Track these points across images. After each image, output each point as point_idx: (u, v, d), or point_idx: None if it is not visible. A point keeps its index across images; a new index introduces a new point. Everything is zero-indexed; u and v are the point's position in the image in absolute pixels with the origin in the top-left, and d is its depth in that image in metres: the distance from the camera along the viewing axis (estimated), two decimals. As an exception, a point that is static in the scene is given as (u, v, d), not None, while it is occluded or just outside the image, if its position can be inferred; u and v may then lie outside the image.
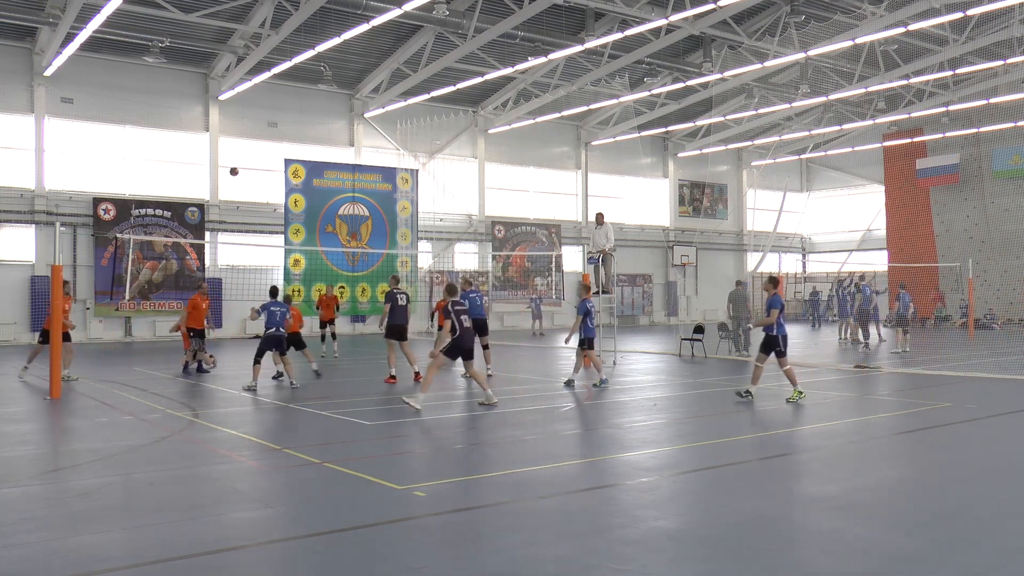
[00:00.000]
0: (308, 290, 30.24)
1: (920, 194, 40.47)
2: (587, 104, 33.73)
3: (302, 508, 6.73)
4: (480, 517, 6.43)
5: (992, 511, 6.46)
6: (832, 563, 5.24)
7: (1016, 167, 37.08)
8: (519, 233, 37.15)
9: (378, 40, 28.83)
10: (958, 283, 36.58)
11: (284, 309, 14.37)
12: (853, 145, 42.48)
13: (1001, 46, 29.16)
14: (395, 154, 33.92)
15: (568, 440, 9.84)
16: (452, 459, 8.79)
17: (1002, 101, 33.16)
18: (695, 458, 8.65)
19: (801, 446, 9.11)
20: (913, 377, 16.09)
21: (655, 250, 42.00)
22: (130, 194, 28.70)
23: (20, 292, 27.02)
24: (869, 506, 6.59)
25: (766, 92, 35.24)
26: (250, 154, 31.08)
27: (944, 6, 24.27)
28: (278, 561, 5.46)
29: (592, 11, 25.39)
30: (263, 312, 14.19)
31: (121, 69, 28.62)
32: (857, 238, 44.91)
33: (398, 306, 14.97)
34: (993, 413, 11.43)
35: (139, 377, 16.36)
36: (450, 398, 13.73)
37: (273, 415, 11.86)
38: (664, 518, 6.38)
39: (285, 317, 14.34)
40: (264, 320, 14.17)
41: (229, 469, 8.23)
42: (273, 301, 14.44)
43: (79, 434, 10.29)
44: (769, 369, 18.31)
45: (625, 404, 12.80)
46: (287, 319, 14.50)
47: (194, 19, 25.16)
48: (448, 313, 11.98)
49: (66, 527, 6.13)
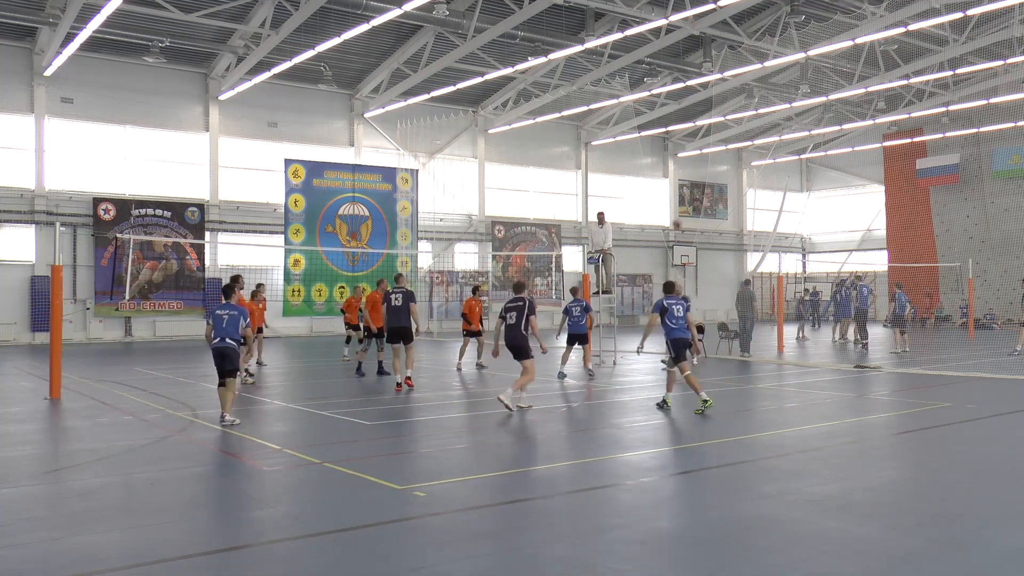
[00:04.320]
0: (308, 290, 30.26)
1: (920, 194, 40.48)
2: (587, 104, 33.73)
3: (302, 508, 6.73)
4: (480, 517, 6.42)
5: (992, 511, 6.46)
6: (832, 563, 5.24)
7: (1016, 167, 37.08)
8: (519, 233, 37.16)
9: (378, 40, 28.83)
10: (958, 283, 36.58)
11: (235, 313, 10.65)
12: (853, 145, 42.49)
13: (1001, 46, 29.16)
14: (395, 154, 33.92)
15: (568, 440, 9.83)
16: (452, 459, 8.78)
17: (1002, 101, 33.16)
18: (695, 458, 8.65)
19: (801, 446, 9.10)
20: (913, 377, 16.08)
21: (655, 250, 42.00)
22: (130, 194, 28.70)
23: (20, 292, 27.03)
24: (869, 506, 6.59)
25: (766, 92, 35.23)
26: (250, 154, 31.10)
27: (944, 6, 24.27)
28: (278, 561, 5.46)
29: (592, 11, 25.39)
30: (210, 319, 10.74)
31: (121, 69, 28.63)
32: (857, 238, 44.91)
33: (392, 307, 14.02)
34: (993, 413, 11.42)
35: (139, 377, 16.35)
36: (450, 398, 13.74)
37: (273, 415, 11.86)
38: (664, 518, 6.38)
39: (237, 323, 10.58)
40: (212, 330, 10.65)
41: (229, 469, 8.23)
42: (221, 304, 10.97)
43: (79, 434, 10.29)
44: (767, 369, 18.32)
45: (625, 404, 12.80)
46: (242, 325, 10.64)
47: (194, 19, 25.17)
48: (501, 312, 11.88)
49: (66, 527, 6.13)
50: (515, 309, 11.74)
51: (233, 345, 10.54)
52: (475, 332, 18.10)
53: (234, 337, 10.53)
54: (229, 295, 11.02)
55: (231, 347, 10.51)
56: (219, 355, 10.49)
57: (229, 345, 10.49)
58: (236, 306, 10.81)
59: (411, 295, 14.25)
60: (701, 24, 25.74)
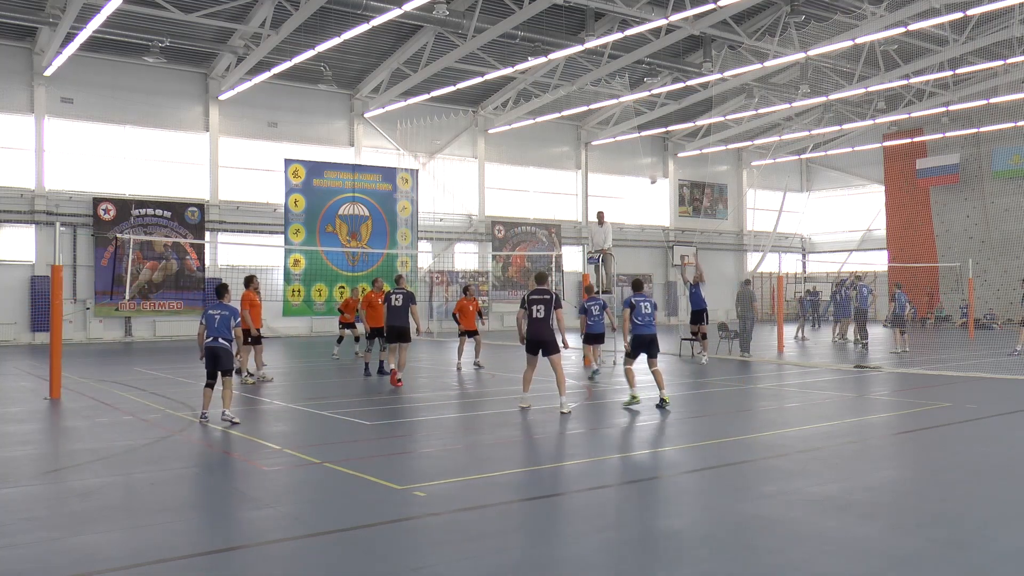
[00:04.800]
0: (308, 290, 30.26)
1: (920, 194, 40.47)
2: (587, 104, 33.73)
3: (302, 508, 6.73)
4: (480, 517, 6.42)
5: (993, 511, 6.46)
6: (832, 563, 5.24)
7: (1016, 167, 37.07)
8: (519, 233, 37.16)
9: (378, 40, 28.83)
10: (958, 283, 36.58)
11: (227, 312, 10.68)
12: (853, 145, 42.48)
13: (1001, 46, 29.16)
14: (395, 154, 33.92)
15: (568, 440, 9.83)
16: (452, 459, 8.78)
17: (1002, 101, 33.16)
18: (695, 458, 8.65)
19: (801, 446, 9.10)
20: (913, 377, 16.08)
21: (655, 250, 42.00)
22: (130, 194, 28.70)
23: (20, 292, 27.02)
24: (869, 506, 6.59)
25: (766, 92, 35.23)
26: (250, 154, 31.10)
27: (944, 6, 24.27)
28: (278, 561, 5.46)
29: (592, 11, 25.38)
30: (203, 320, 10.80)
31: (121, 69, 28.63)
32: (857, 238, 44.91)
33: (392, 307, 14.55)
34: (993, 413, 11.42)
35: (139, 377, 16.36)
36: (449, 398, 13.74)
37: (273, 415, 11.86)
38: (664, 518, 6.38)
39: (228, 323, 10.63)
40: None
41: (229, 469, 8.23)
42: (212, 303, 11.01)
43: (79, 434, 10.29)
44: (767, 369, 18.33)
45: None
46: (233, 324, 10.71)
47: (194, 19, 25.16)
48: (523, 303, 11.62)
49: (66, 527, 6.13)
50: (542, 302, 11.50)
51: (226, 345, 10.59)
52: (472, 331, 18.15)
53: (226, 337, 10.58)
54: (221, 295, 11.00)
55: (223, 347, 10.56)
56: (212, 355, 10.54)
57: (221, 345, 10.54)
58: (228, 306, 10.84)
59: (411, 296, 14.76)
60: (701, 24, 25.74)
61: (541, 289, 11.67)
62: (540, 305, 11.47)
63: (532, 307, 11.48)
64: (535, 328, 11.49)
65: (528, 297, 11.62)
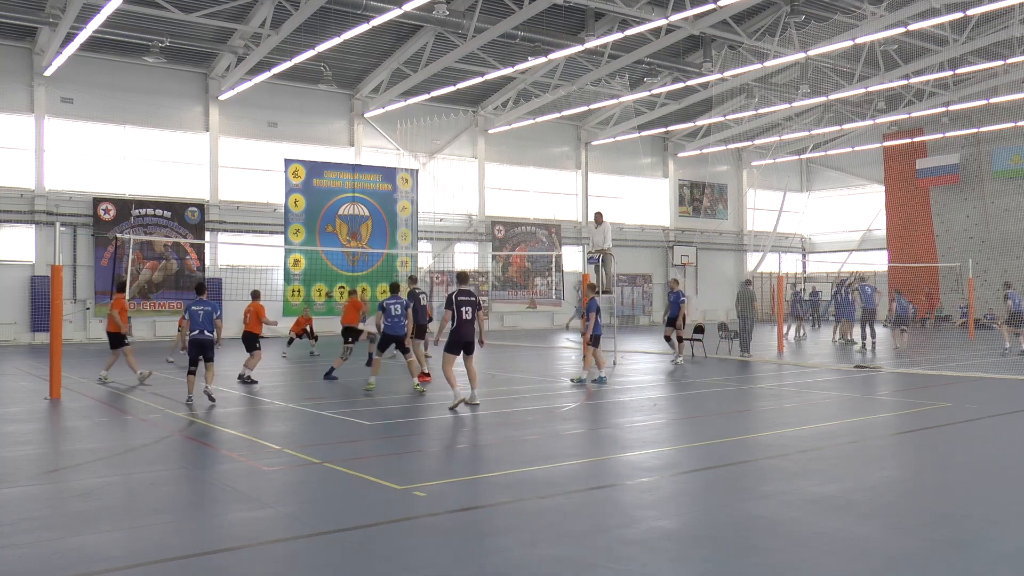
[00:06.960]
0: (308, 290, 30.25)
1: (920, 194, 40.47)
2: (587, 104, 33.72)
3: (302, 508, 6.73)
4: (480, 517, 6.43)
5: (993, 511, 6.45)
6: (832, 563, 5.24)
7: (1016, 167, 37.07)
8: (519, 233, 37.15)
9: (378, 40, 28.83)
10: (958, 283, 36.58)
11: (209, 308, 12.38)
12: (853, 145, 42.48)
13: (1001, 46, 29.15)
14: (395, 154, 33.91)
15: (568, 440, 9.83)
16: (452, 459, 8.78)
17: (1002, 101, 33.16)
18: (695, 458, 8.65)
19: (801, 446, 9.10)
20: (913, 377, 16.09)
21: (655, 250, 41.99)
22: (130, 194, 28.70)
23: (20, 292, 27.02)
24: (869, 506, 6.59)
25: (766, 92, 35.24)
26: (250, 154, 31.10)
27: (944, 6, 24.26)
28: (278, 561, 5.46)
29: (592, 11, 25.38)
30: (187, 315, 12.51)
31: (121, 69, 28.62)
32: (857, 238, 44.90)
33: (420, 305, 15.49)
34: (993, 413, 11.42)
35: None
36: (448, 398, 13.72)
37: (273, 415, 11.85)
38: (664, 518, 6.38)
39: (211, 318, 12.34)
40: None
41: (229, 469, 8.23)
42: (195, 300, 12.66)
43: (79, 434, 10.29)
44: (767, 369, 18.32)
45: (625, 404, 12.80)
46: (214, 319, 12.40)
47: (194, 19, 25.17)
48: (450, 303, 11.77)
49: (66, 527, 6.13)
50: (470, 304, 11.80)
51: (210, 337, 12.34)
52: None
53: (210, 329, 12.32)
54: (201, 292, 12.92)
55: (208, 339, 12.33)
56: (198, 345, 12.24)
57: (207, 337, 12.31)
58: (209, 302, 12.56)
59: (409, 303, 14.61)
60: (701, 24, 25.74)
61: (466, 290, 11.95)
62: (468, 307, 11.76)
63: (461, 308, 11.73)
64: (465, 330, 11.77)
65: (456, 298, 11.79)
